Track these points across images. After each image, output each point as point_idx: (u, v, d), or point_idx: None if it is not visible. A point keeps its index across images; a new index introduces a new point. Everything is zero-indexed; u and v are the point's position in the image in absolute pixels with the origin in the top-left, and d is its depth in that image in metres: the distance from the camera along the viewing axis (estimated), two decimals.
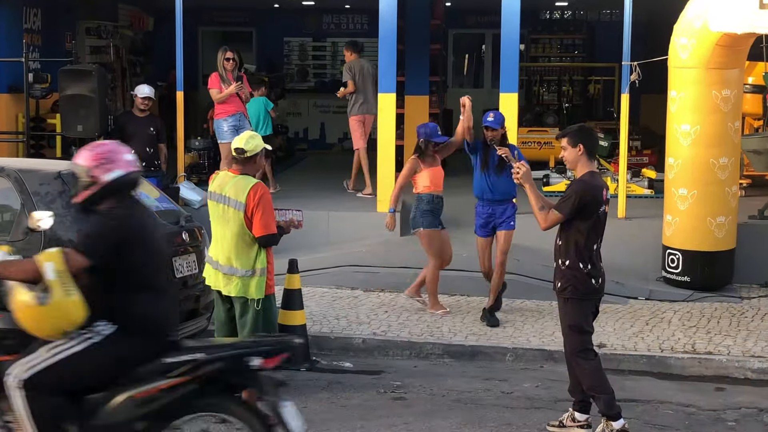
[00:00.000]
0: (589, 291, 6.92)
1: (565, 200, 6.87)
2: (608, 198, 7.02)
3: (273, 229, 7.03)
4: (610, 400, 6.86)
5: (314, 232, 11.35)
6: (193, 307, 8.18)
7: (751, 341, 9.30)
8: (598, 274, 6.93)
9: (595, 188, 6.86)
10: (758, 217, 11.84)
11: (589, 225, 6.85)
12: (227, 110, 12.46)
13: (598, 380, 6.90)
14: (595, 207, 6.83)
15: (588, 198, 6.81)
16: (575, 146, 6.96)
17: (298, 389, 8.06)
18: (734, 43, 10.33)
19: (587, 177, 6.92)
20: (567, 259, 6.94)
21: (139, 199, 5.33)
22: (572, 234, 6.90)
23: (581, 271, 6.88)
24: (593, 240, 6.90)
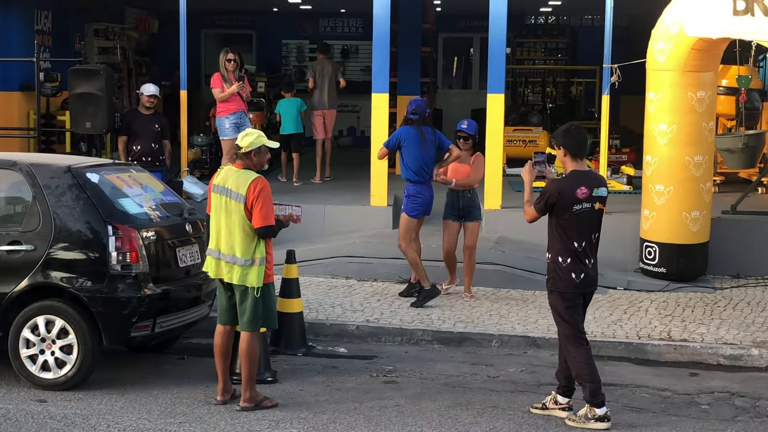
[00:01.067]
0: (569, 285, 6.88)
1: (538, 199, 6.95)
2: (596, 196, 6.87)
3: (271, 221, 7.03)
4: (595, 389, 6.84)
5: (311, 225, 11.35)
6: (195, 294, 8.16)
7: (724, 329, 9.32)
8: (581, 270, 6.87)
9: (566, 188, 6.83)
10: (731, 212, 11.86)
11: (566, 222, 6.84)
12: (229, 108, 12.45)
13: (587, 368, 6.87)
14: (567, 206, 6.81)
15: (556, 197, 6.82)
16: (559, 148, 7.01)
17: (295, 373, 8.09)
18: (709, 48, 10.34)
19: (565, 177, 6.95)
20: (549, 253, 7.00)
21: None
22: (552, 229, 6.95)
23: (560, 265, 6.88)
24: (575, 237, 6.85)
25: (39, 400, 7.25)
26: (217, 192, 7.11)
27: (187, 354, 8.61)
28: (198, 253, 8.17)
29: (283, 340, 8.67)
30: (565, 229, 6.86)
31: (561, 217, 6.86)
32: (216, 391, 7.31)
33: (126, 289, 7.45)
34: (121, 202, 7.81)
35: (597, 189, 6.92)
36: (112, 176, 8.12)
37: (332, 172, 15.02)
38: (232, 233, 7.01)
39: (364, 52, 21.32)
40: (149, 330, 7.65)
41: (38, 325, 7.46)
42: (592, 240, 6.96)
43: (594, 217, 6.93)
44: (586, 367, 6.89)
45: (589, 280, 6.96)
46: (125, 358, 8.37)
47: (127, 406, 7.16)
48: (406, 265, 11.00)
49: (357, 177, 13.71)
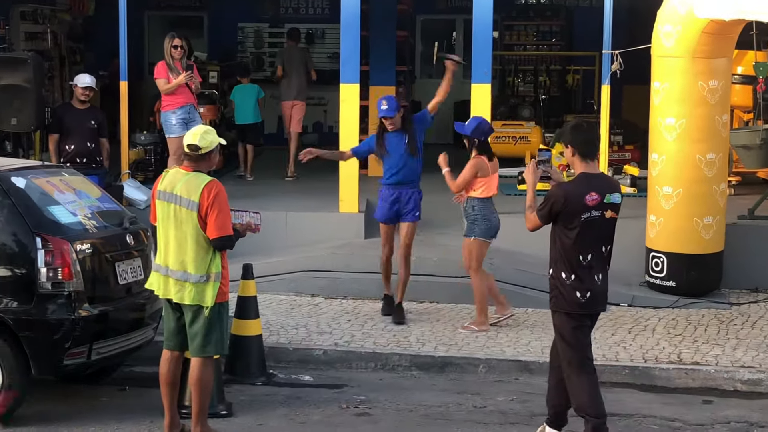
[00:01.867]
0: (573, 305, 6.85)
1: (541, 205, 6.91)
2: (607, 203, 6.83)
3: (229, 230, 7.01)
4: (599, 425, 6.81)
5: (271, 234, 11.28)
6: (138, 316, 8.14)
7: (741, 350, 9.38)
8: (587, 287, 6.84)
9: (573, 193, 6.79)
10: (748, 216, 11.93)
11: (573, 233, 6.80)
12: (176, 102, 12.41)
13: (591, 400, 6.85)
14: (574, 214, 6.77)
15: (561, 204, 6.78)
16: (567, 147, 6.97)
17: (253, 405, 8.09)
18: (722, 31, 10.43)
19: (573, 180, 6.92)
20: (551, 268, 6.96)
21: None
22: (556, 241, 6.91)
23: (563, 281, 6.86)
24: (582, 249, 6.82)
25: None
26: (163, 199, 7.06)
27: (128, 384, 8.58)
28: (140, 269, 8.14)
29: (239, 367, 8.65)
30: (571, 240, 6.82)
31: (567, 226, 6.83)
32: (162, 427, 7.27)
33: (57, 310, 7.42)
34: (51, 211, 7.77)
35: (609, 195, 6.87)
36: (41, 180, 8.07)
37: (297, 172, 15.22)
38: (183, 246, 6.98)
39: (331, 37, 21.26)
40: (85, 357, 7.62)
41: None
42: (602, 253, 6.95)
43: (605, 227, 6.91)
44: (589, 398, 6.86)
45: (597, 300, 6.94)
46: (57, 389, 8.31)
47: None
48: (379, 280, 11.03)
49: (324, 179, 13.69)
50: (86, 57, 18.70)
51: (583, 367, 6.93)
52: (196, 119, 12.52)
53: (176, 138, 12.35)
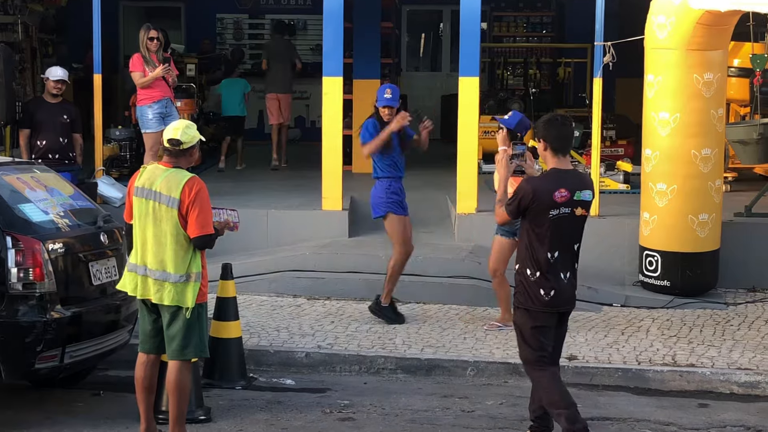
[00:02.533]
0: (537, 302, 6.86)
1: (510, 200, 6.94)
2: (577, 200, 6.85)
3: (210, 229, 7.00)
4: (572, 414, 6.85)
5: (251, 233, 11.33)
6: (113, 318, 8.12)
7: (737, 352, 9.41)
8: (552, 286, 6.85)
9: (542, 189, 6.81)
10: (745, 214, 11.97)
11: (539, 229, 6.83)
12: (152, 96, 12.39)
13: (558, 392, 6.90)
14: (542, 210, 6.79)
15: (529, 199, 6.80)
16: (539, 140, 7.00)
17: (232, 410, 8.07)
18: (717, 22, 10.45)
19: (544, 175, 6.97)
20: (517, 263, 7.01)
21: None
22: (524, 236, 6.95)
23: (528, 278, 6.89)
24: (548, 247, 6.83)
25: None
26: (141, 196, 7.04)
27: (103, 389, 8.53)
28: (115, 269, 8.12)
29: (218, 370, 8.64)
30: (539, 236, 6.84)
31: (535, 222, 6.85)
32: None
33: (29, 312, 7.40)
34: (22, 209, 7.73)
35: (580, 192, 6.88)
36: (11, 177, 8.05)
37: (278, 171, 15.94)
38: (163, 245, 6.96)
39: (313, 29, 21.29)
40: (57, 360, 7.58)
41: None
42: (571, 251, 6.96)
43: (574, 225, 6.92)
44: (557, 391, 6.90)
45: (562, 299, 6.93)
46: (29, 394, 8.30)
47: None
48: (363, 280, 11.05)
49: (306, 176, 13.73)
50: (59, 49, 18.64)
51: (538, 363, 6.95)
52: (173, 114, 12.50)
53: (152, 133, 12.34)
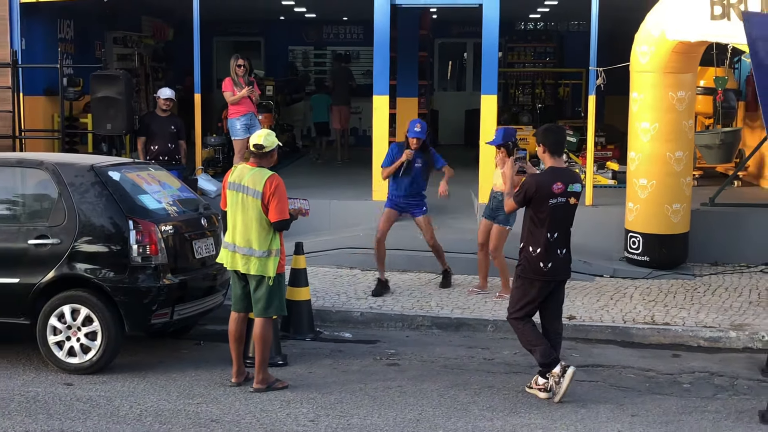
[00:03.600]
0: (537, 273, 6.90)
1: (518, 192, 6.98)
2: (570, 191, 6.87)
3: (287, 215, 7.04)
4: (544, 350, 6.91)
5: (317, 219, 11.29)
6: (210, 284, 8.15)
7: (703, 313, 9.33)
8: (549, 259, 6.88)
9: (544, 183, 6.86)
10: (709, 204, 11.84)
11: (541, 215, 6.86)
12: (240, 110, 12.42)
13: (531, 334, 6.96)
14: (543, 199, 6.83)
15: (533, 191, 6.85)
16: (539, 145, 7.05)
17: (303, 357, 8.09)
18: (689, 50, 10.32)
19: (544, 172, 6.98)
20: (522, 242, 7.02)
21: None
22: (527, 221, 6.99)
23: (531, 254, 6.91)
24: (548, 228, 6.86)
25: (66, 383, 7.27)
26: (233, 189, 7.09)
27: (202, 339, 8.61)
28: (213, 246, 8.16)
29: (292, 326, 8.67)
30: (540, 221, 6.88)
31: (537, 209, 6.89)
32: (231, 374, 7.32)
33: (146, 279, 7.46)
34: (141, 199, 7.80)
35: (572, 185, 6.94)
36: (133, 174, 8.11)
37: (342, 164, 16.95)
38: (249, 227, 7.01)
39: (364, 57, 21.28)
40: (168, 317, 7.65)
41: (64, 313, 7.47)
42: (566, 232, 6.98)
43: (568, 211, 6.96)
44: (532, 333, 6.97)
45: (559, 270, 6.97)
46: (145, 343, 8.38)
47: (147, 389, 7.18)
48: (407, 256, 11.04)
49: (359, 174, 13.70)
50: (166, 74, 18.74)
51: (524, 317, 7.03)
52: (256, 125, 12.51)
53: (240, 140, 12.39)
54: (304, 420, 6.55)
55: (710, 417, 6.77)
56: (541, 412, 6.79)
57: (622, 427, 6.55)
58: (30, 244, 7.52)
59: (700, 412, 6.86)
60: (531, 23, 22.09)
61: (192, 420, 6.51)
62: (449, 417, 6.67)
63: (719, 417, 6.78)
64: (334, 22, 21.53)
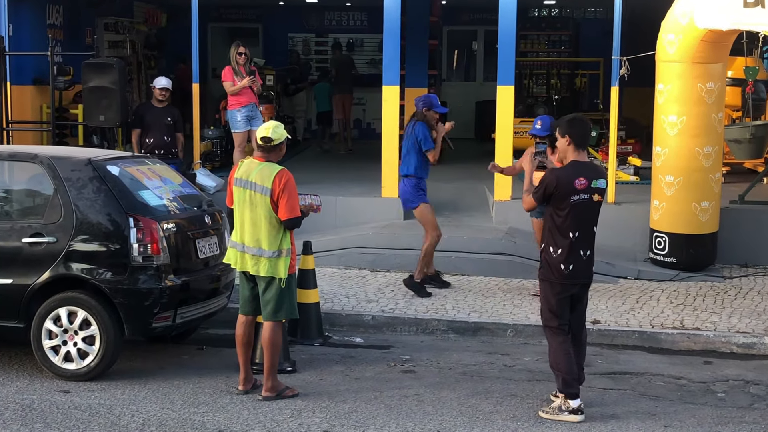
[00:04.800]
0: (557, 275, 6.77)
1: (537, 187, 6.84)
2: (594, 187, 6.74)
3: (297, 212, 7.00)
4: (568, 380, 6.76)
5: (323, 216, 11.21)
6: (215, 285, 8.11)
7: (735, 318, 9.30)
8: (572, 260, 6.74)
9: (565, 178, 6.70)
10: (738, 202, 11.81)
11: (562, 213, 6.72)
12: (240, 101, 12.39)
13: (561, 359, 6.79)
14: (565, 195, 6.69)
15: (554, 187, 6.69)
16: (563, 136, 6.85)
17: (313, 363, 8.06)
18: (719, 39, 10.29)
19: (566, 166, 6.82)
20: (543, 242, 6.91)
21: None
22: (548, 219, 6.86)
23: (551, 254, 6.78)
24: (570, 228, 6.73)
25: (62, 390, 7.23)
26: (239, 185, 7.05)
27: (205, 344, 8.58)
28: (217, 245, 8.13)
29: (299, 330, 8.64)
30: (561, 219, 6.74)
31: (558, 207, 6.75)
32: (237, 381, 7.28)
33: (147, 280, 7.42)
34: (141, 195, 7.75)
35: (596, 180, 6.78)
36: (132, 168, 8.06)
37: (347, 155, 17.42)
38: (257, 226, 6.97)
39: (369, 46, 21.26)
40: (170, 321, 7.62)
41: (60, 316, 7.44)
42: (589, 231, 6.84)
43: (592, 209, 6.81)
44: (563, 357, 6.80)
45: (581, 272, 6.82)
46: (144, 348, 8.34)
47: (149, 396, 7.14)
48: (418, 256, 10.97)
49: (366, 168, 13.66)
50: (158, 63, 18.72)
51: (558, 329, 6.85)
52: (258, 116, 12.50)
53: (240, 132, 12.37)
54: (317, 430, 6.52)
55: (748, 428, 6.74)
56: (568, 423, 6.76)
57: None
58: (24, 242, 7.48)
59: (737, 423, 6.83)
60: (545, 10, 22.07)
61: (198, 430, 6.48)
62: (471, 427, 6.64)
63: (758, 428, 6.74)
64: (336, 8, 21.49)
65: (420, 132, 9.88)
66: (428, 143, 9.86)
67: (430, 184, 10.16)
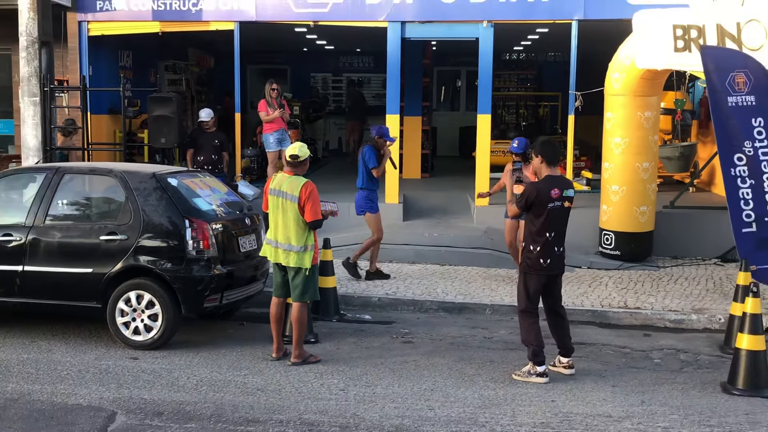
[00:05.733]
0: (537, 268, 6.73)
1: (520, 197, 6.83)
2: (565, 196, 6.73)
3: (320, 216, 6.98)
4: (536, 351, 6.73)
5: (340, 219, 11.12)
6: (253, 274, 8.08)
7: (668, 299, 9.26)
8: (548, 255, 6.71)
9: (543, 189, 6.68)
10: (670, 206, 11.74)
11: (541, 217, 6.69)
12: (273, 127, 12.36)
13: (532, 335, 6.76)
14: (544, 203, 6.66)
15: (534, 197, 6.68)
16: (537, 156, 6.84)
17: (331, 335, 8.03)
18: (654, 77, 10.26)
19: (541, 181, 6.80)
20: (524, 242, 6.87)
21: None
22: (528, 223, 6.82)
23: (531, 252, 6.74)
24: (546, 229, 6.70)
25: (132, 357, 7.21)
26: (273, 194, 7.03)
27: (246, 321, 8.55)
28: (255, 241, 8.08)
29: (321, 308, 8.59)
30: (540, 222, 6.71)
31: (537, 212, 6.72)
32: (271, 350, 7.26)
33: (200, 269, 7.40)
34: (195, 201, 7.73)
35: (566, 190, 6.79)
36: (187, 180, 8.04)
37: (351, 177, 16.01)
38: (288, 227, 6.94)
39: (375, 83, 21.21)
40: (218, 302, 7.60)
41: (130, 298, 7.42)
42: (562, 232, 6.81)
43: (564, 213, 6.81)
44: (533, 332, 6.76)
45: (556, 265, 6.79)
46: (197, 324, 8.32)
47: (201, 362, 7.11)
48: (413, 250, 10.97)
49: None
50: (207, 96, 18.68)
51: (530, 312, 6.81)
52: (287, 139, 12.48)
53: (273, 152, 12.35)
54: (335, 389, 6.48)
55: (679, 387, 6.70)
56: (536, 384, 6.71)
57: (605, 395, 6.48)
58: (101, 239, 7.46)
59: (671, 383, 6.79)
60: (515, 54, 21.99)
61: (241, 389, 6.44)
62: (458, 387, 6.60)
63: (687, 387, 6.71)
64: (349, 53, 21.46)
65: (367, 154, 9.91)
66: (372, 162, 9.88)
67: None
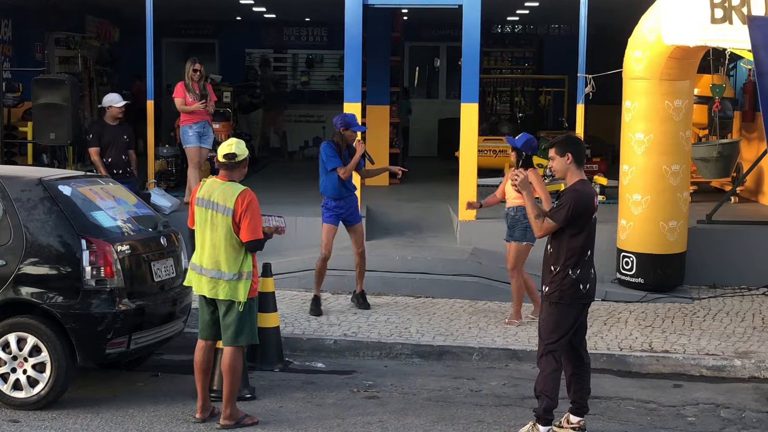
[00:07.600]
0: (576, 296, 6.75)
1: (559, 209, 6.71)
2: (598, 205, 6.92)
3: (260, 234, 6.95)
4: (550, 407, 6.78)
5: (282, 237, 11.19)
6: (171, 310, 8.01)
7: (705, 340, 9.37)
8: (587, 279, 6.76)
9: (588, 196, 6.73)
10: (706, 221, 11.91)
11: (582, 232, 6.72)
12: (192, 118, 12.42)
13: (551, 387, 6.78)
14: (588, 215, 6.71)
15: (581, 206, 6.66)
16: (563, 155, 6.81)
17: (273, 389, 8.00)
18: (686, 56, 10.42)
19: (579, 185, 6.77)
20: (557, 266, 6.76)
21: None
22: (565, 241, 6.73)
23: (570, 277, 6.71)
24: (587, 246, 6.75)
25: (11, 420, 7.11)
26: (201, 205, 6.99)
27: (160, 371, 8.48)
28: (173, 267, 8.04)
29: (259, 355, 8.56)
30: (581, 239, 6.71)
31: (579, 226, 6.69)
32: (194, 409, 7.20)
33: (100, 304, 7.32)
34: (94, 215, 7.66)
35: (597, 198, 6.96)
36: (84, 188, 7.96)
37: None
38: (217, 248, 6.91)
39: (329, 62, 21.30)
40: (124, 347, 7.51)
41: (9, 342, 7.32)
42: (593, 249, 6.88)
43: (595, 227, 6.92)
44: (554, 384, 6.78)
45: (593, 290, 6.88)
46: (97, 375, 8.22)
47: (102, 426, 7.04)
48: (380, 277, 11.00)
49: None
50: (111, 79, 18.59)
51: (557, 358, 6.82)
52: (209, 134, 12.59)
53: (192, 147, 12.48)
54: None
55: None
56: None
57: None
58: None
59: None
60: (509, 26, 22.23)
61: None
62: None
63: None
64: (295, 24, 21.52)
65: (323, 153, 9.97)
66: (332, 162, 9.91)
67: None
